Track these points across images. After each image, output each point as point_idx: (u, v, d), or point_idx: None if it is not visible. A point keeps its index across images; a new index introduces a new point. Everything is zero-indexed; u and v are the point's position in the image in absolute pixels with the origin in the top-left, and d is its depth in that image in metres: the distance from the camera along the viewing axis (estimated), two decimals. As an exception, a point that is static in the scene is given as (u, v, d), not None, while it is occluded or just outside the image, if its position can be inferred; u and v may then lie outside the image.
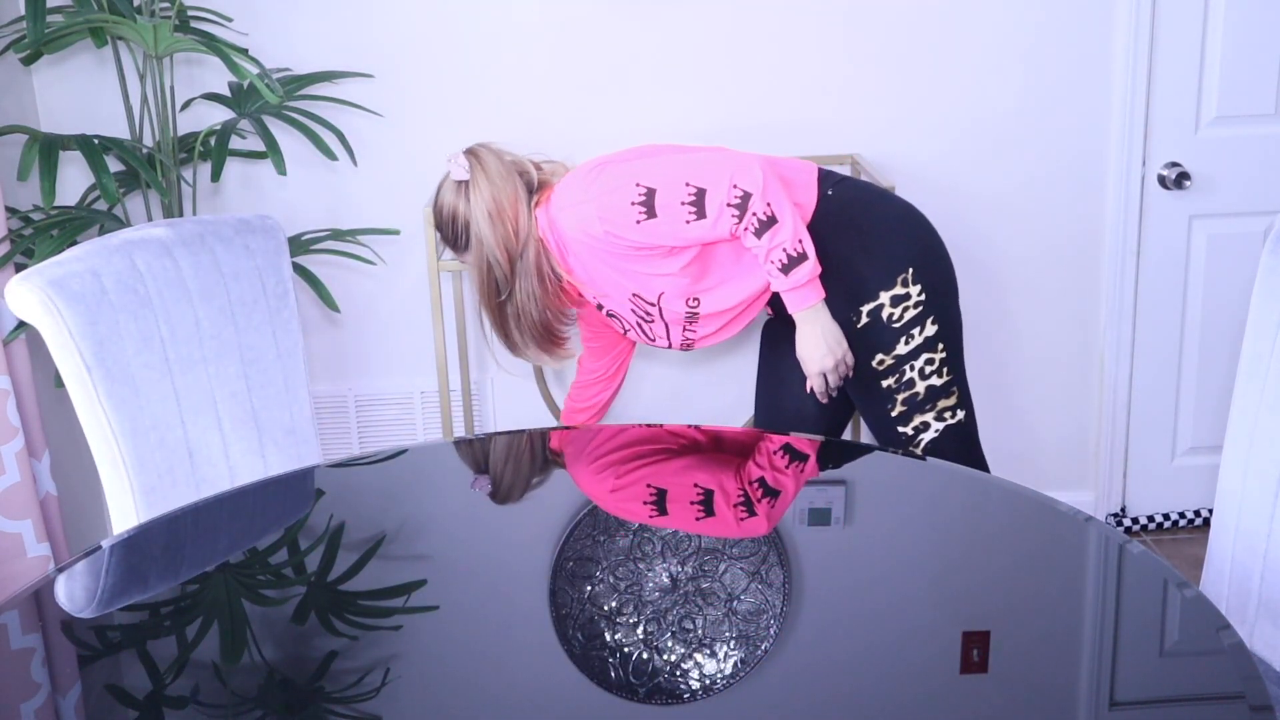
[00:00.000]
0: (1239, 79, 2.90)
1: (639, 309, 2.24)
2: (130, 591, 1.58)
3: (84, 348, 1.87)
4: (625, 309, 2.26)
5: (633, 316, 2.27)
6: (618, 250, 2.14)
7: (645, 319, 2.24)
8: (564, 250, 2.22)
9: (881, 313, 2.13)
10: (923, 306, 2.14)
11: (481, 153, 2.27)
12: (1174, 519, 3.21)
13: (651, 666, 1.34)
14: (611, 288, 2.23)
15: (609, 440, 1.89)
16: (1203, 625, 1.37)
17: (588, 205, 2.12)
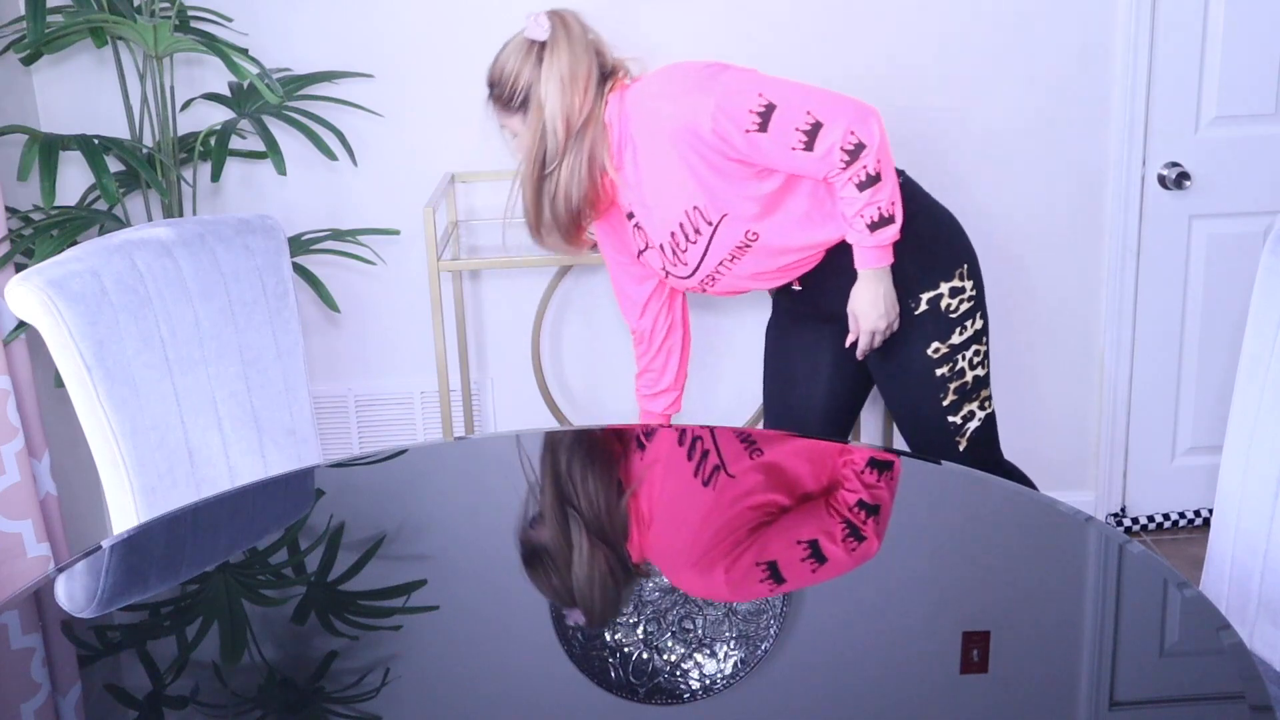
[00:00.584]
0: (1239, 79, 2.90)
1: (688, 226, 2.12)
2: (130, 591, 1.58)
3: (84, 348, 1.86)
4: (670, 223, 2.14)
5: (670, 235, 2.16)
6: (710, 155, 2.05)
7: (688, 239, 2.14)
8: (623, 144, 2.13)
9: (940, 302, 2.17)
10: (973, 301, 2.20)
11: (567, 17, 2.18)
12: (1174, 519, 3.21)
13: (651, 666, 1.34)
14: (672, 195, 2.11)
15: (693, 537, 1.67)
16: (1203, 625, 1.37)
17: (707, 98, 2.02)
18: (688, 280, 2.22)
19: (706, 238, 2.13)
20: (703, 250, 2.16)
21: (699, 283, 2.22)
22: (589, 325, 3.06)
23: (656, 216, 2.15)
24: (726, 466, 1.84)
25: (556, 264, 2.76)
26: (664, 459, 1.91)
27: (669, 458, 1.91)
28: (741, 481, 1.80)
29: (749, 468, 1.84)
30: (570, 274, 3.01)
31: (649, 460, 1.90)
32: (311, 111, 2.69)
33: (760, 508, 1.73)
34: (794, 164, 2.04)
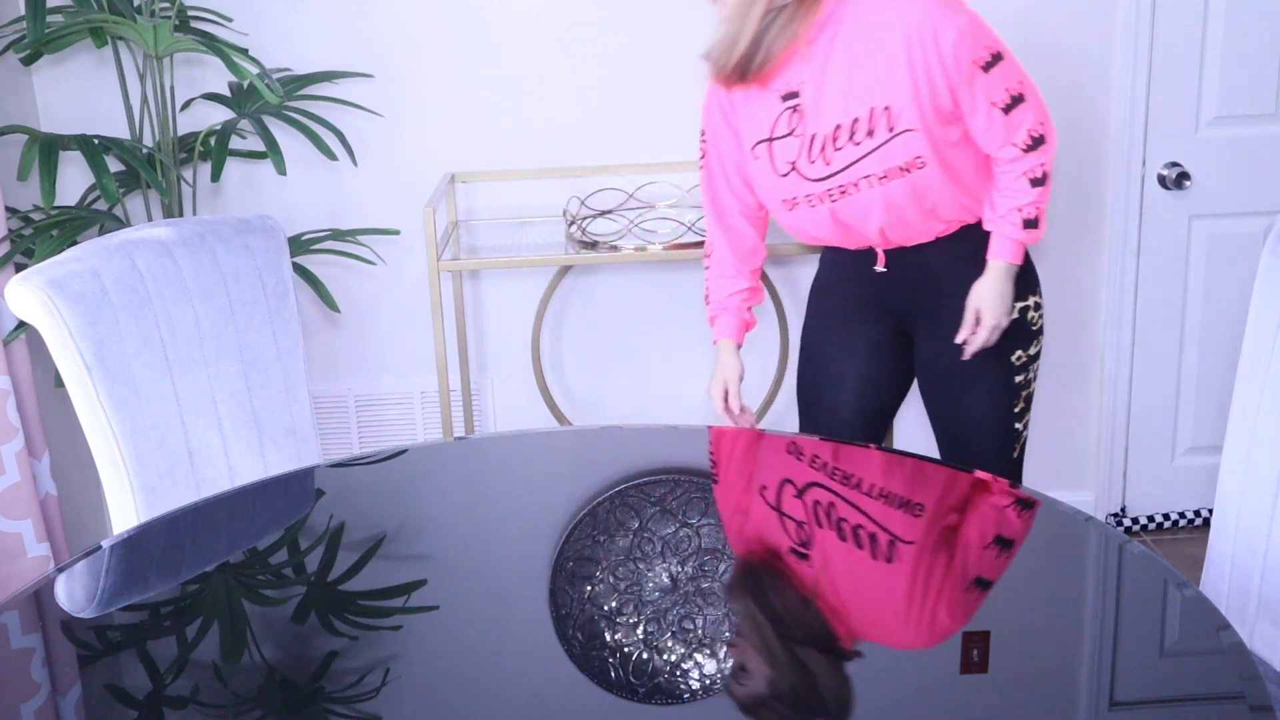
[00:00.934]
0: (1239, 79, 2.90)
1: (865, 124, 2.05)
2: (130, 591, 1.58)
3: (84, 348, 1.86)
4: (846, 114, 2.06)
5: (835, 127, 2.07)
6: (934, 68, 2.01)
7: (852, 137, 2.06)
8: (826, 21, 2.06)
9: (1027, 313, 2.19)
10: (1042, 318, 2.26)
11: None
12: (1174, 519, 3.21)
13: (651, 666, 1.34)
14: (867, 88, 2.04)
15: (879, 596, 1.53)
16: (1203, 625, 1.37)
17: (958, 16, 2.02)
18: (819, 183, 2.10)
19: (877, 143, 2.05)
20: (863, 154, 2.07)
21: (828, 190, 2.10)
22: (589, 325, 3.06)
23: (831, 103, 2.07)
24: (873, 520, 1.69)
25: (556, 264, 2.76)
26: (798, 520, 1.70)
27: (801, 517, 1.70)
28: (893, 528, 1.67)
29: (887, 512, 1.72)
30: (570, 274, 3.01)
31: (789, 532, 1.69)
32: (311, 111, 2.69)
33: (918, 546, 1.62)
34: (982, 121, 2.06)
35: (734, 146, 2.22)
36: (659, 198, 2.90)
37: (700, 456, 1.98)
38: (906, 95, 2.03)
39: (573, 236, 2.75)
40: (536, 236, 2.82)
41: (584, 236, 2.71)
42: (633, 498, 1.75)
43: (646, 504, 1.72)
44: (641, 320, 3.06)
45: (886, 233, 2.15)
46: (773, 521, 1.71)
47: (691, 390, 3.10)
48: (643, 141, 2.94)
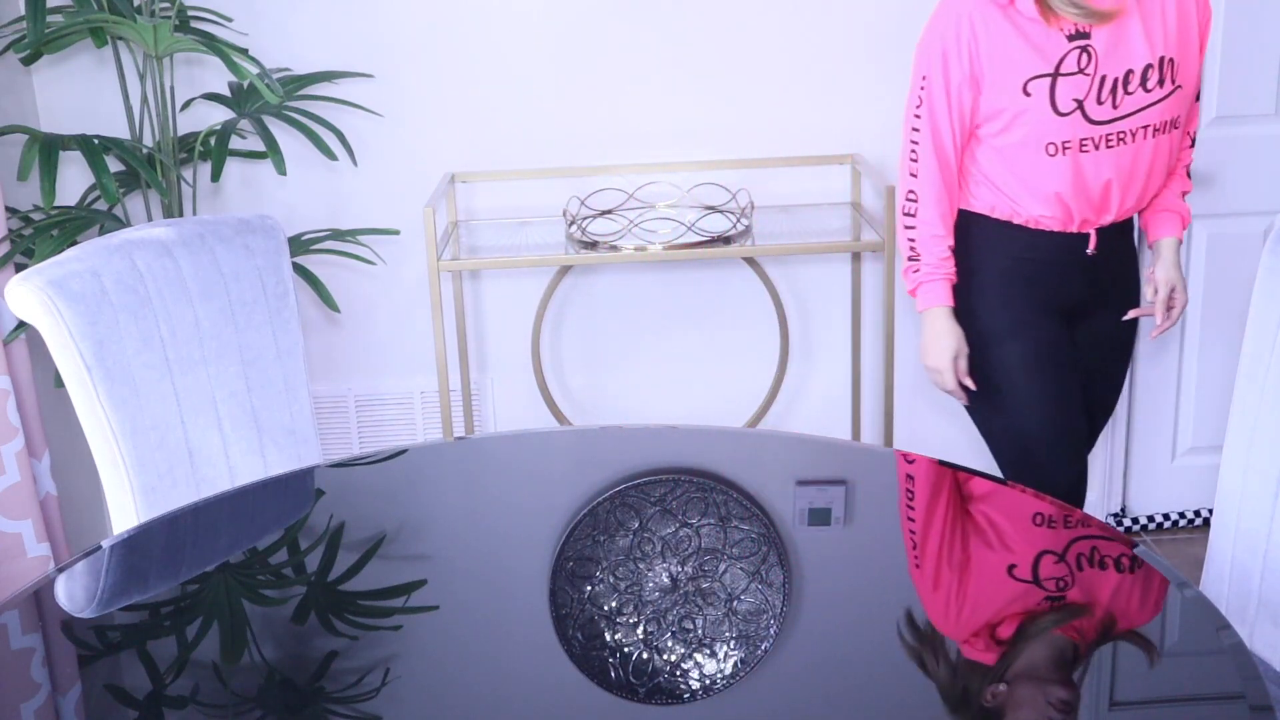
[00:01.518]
0: (1239, 79, 2.90)
1: (1158, 72, 2.09)
2: (130, 591, 1.58)
3: (84, 348, 1.86)
4: (1140, 59, 2.08)
5: (1127, 71, 2.08)
6: (1193, 27, 2.12)
7: (1144, 84, 2.09)
8: None
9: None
10: None
11: None
12: (1174, 519, 3.20)
13: (651, 666, 1.34)
14: (1158, 36, 2.09)
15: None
16: (1203, 625, 1.37)
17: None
18: (1102, 125, 2.07)
19: (1165, 93, 2.09)
20: (1150, 102, 2.09)
21: (1106, 135, 2.07)
22: (589, 325, 3.06)
23: (1128, 48, 2.07)
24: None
25: (557, 264, 2.76)
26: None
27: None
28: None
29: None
30: (570, 274, 3.01)
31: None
32: (311, 111, 2.69)
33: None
34: (1186, 100, 2.15)
35: (968, 83, 2.10)
36: (659, 198, 2.90)
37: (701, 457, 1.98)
38: (1189, 50, 2.10)
39: (573, 236, 2.75)
40: (536, 236, 2.81)
41: (584, 236, 2.71)
42: (633, 498, 1.75)
43: (646, 504, 1.72)
44: (641, 320, 3.06)
45: (1122, 197, 2.14)
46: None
47: (692, 390, 3.10)
48: (643, 141, 2.93)
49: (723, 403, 3.11)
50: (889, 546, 1.63)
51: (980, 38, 2.06)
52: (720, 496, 1.77)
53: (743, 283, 3.03)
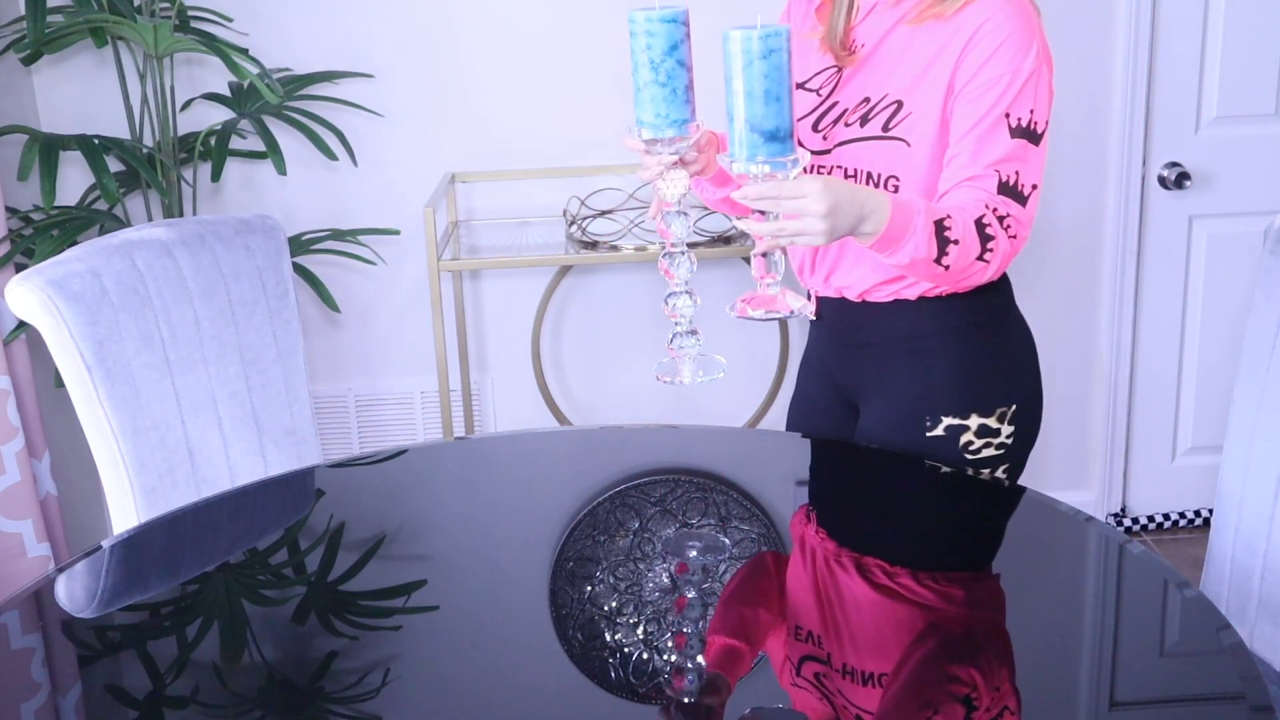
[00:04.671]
0: (1239, 79, 2.90)
1: (874, 110, 1.71)
2: (130, 591, 1.58)
3: (84, 348, 1.86)
4: (858, 94, 1.73)
5: (844, 106, 1.74)
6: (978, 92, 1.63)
7: (854, 118, 1.72)
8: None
9: (961, 436, 1.76)
10: (1004, 451, 1.78)
11: None
12: (1174, 519, 3.20)
13: (651, 666, 1.34)
14: (901, 76, 1.69)
15: None
16: (1203, 625, 1.37)
17: (1034, 38, 1.64)
18: (817, 155, 1.77)
19: (859, 134, 1.72)
20: (844, 132, 1.74)
21: (819, 145, 1.77)
22: (589, 325, 3.06)
23: (866, 80, 1.74)
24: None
25: (557, 264, 2.76)
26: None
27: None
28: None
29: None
30: (570, 274, 3.01)
31: None
32: (311, 111, 2.69)
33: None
34: (916, 163, 1.71)
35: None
36: (659, 198, 2.90)
37: (701, 457, 1.98)
38: (928, 103, 1.68)
39: (573, 236, 2.75)
40: (536, 236, 2.81)
41: (584, 236, 2.71)
42: (633, 498, 1.75)
43: (646, 504, 1.72)
44: (642, 320, 3.06)
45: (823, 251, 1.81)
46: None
47: (692, 390, 3.10)
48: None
49: (723, 403, 3.11)
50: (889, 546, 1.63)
51: (794, 25, 1.82)
52: (720, 496, 1.77)
53: (742, 283, 3.03)
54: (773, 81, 1.42)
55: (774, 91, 1.42)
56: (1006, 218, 1.60)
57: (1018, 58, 1.61)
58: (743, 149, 1.45)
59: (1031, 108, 1.62)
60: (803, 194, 1.46)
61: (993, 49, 1.62)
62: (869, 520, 1.73)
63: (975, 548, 1.64)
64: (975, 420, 1.75)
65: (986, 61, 1.62)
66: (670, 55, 1.51)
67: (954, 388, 1.75)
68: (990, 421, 1.75)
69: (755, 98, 1.43)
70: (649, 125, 1.52)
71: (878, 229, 1.52)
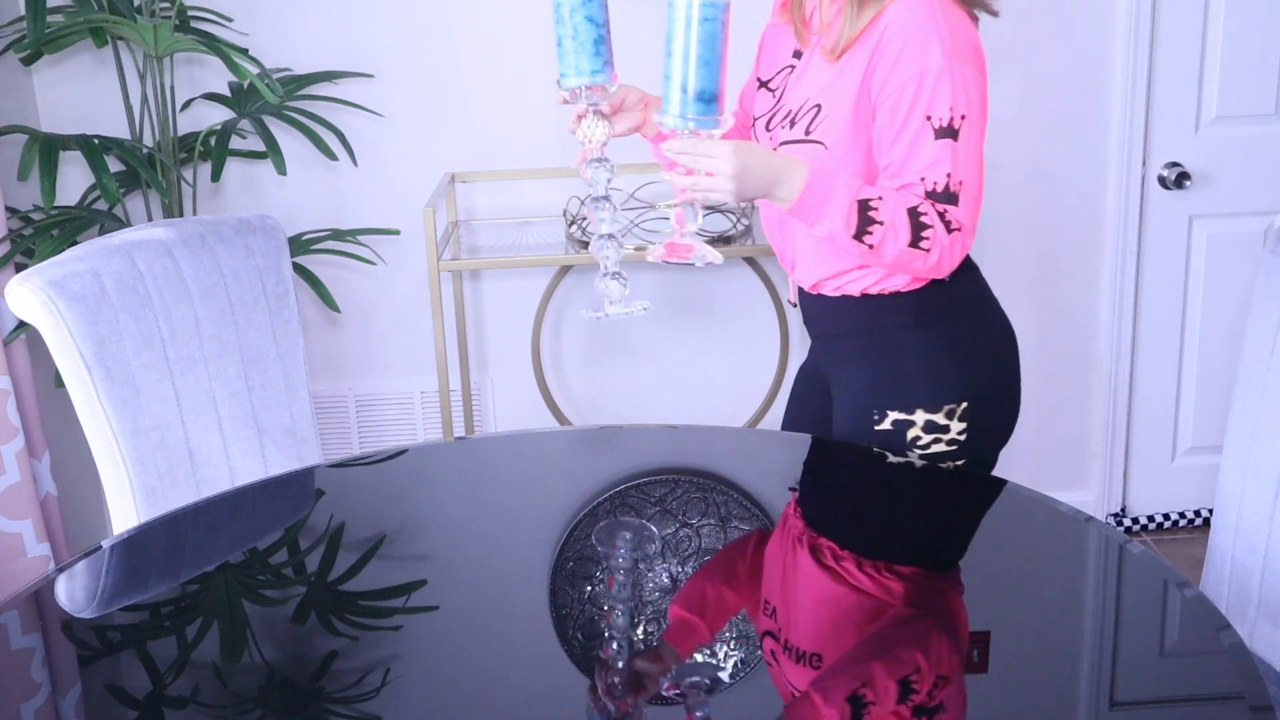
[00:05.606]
0: (1239, 79, 2.90)
1: (801, 112, 1.76)
2: (130, 591, 1.58)
3: (84, 348, 1.86)
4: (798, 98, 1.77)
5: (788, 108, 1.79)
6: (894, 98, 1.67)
7: (790, 121, 1.78)
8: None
9: (908, 431, 1.79)
10: (957, 447, 1.80)
11: None
12: (1174, 519, 3.21)
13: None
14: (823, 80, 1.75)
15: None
16: (1203, 625, 1.37)
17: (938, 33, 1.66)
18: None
19: (787, 138, 1.78)
20: (780, 141, 1.80)
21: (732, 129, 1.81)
22: (589, 325, 3.06)
23: (806, 83, 1.79)
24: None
25: (556, 264, 2.76)
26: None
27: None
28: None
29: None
30: (570, 274, 3.01)
31: None
32: (311, 111, 2.69)
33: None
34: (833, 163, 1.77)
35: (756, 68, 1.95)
36: (659, 198, 2.90)
37: (701, 457, 1.98)
38: (843, 105, 1.73)
39: (573, 236, 2.75)
40: (536, 236, 2.81)
41: (584, 236, 2.71)
42: (633, 498, 1.75)
43: (646, 504, 1.72)
44: (642, 320, 3.06)
45: (783, 249, 1.89)
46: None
47: (692, 390, 3.10)
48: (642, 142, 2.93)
49: (723, 403, 3.11)
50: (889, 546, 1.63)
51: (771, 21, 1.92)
52: (720, 496, 1.77)
53: (743, 283, 3.03)
54: (706, 47, 1.53)
55: (706, 56, 1.53)
56: (945, 212, 1.65)
57: (923, 57, 1.65)
58: (674, 107, 1.56)
59: (950, 105, 1.65)
60: (714, 154, 1.57)
61: (898, 52, 1.66)
62: (844, 511, 1.75)
63: (947, 540, 1.64)
64: (921, 416, 1.78)
65: (895, 66, 1.66)
66: (580, 10, 1.62)
67: (899, 383, 1.79)
68: (938, 418, 1.78)
69: (689, 60, 1.53)
70: (567, 76, 1.67)
71: (791, 195, 1.62)
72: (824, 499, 1.80)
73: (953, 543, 1.64)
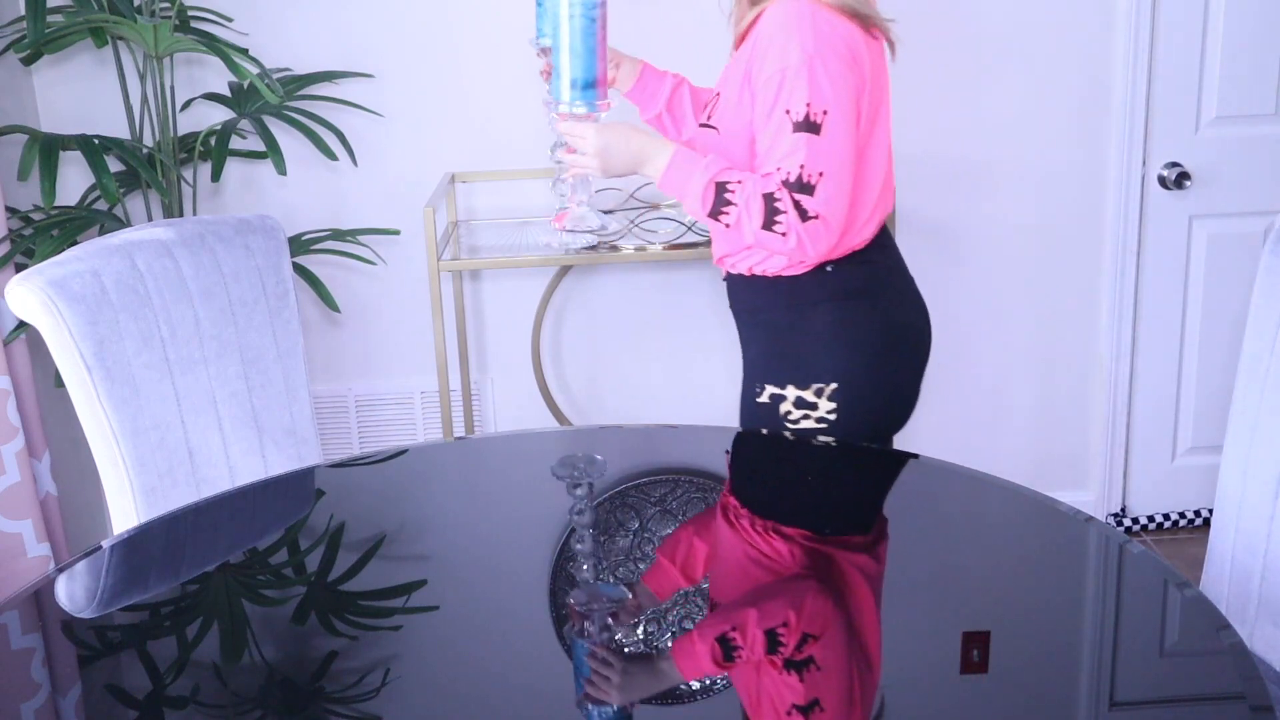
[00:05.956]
0: (1239, 79, 2.90)
1: (711, 101, 1.93)
2: (130, 591, 1.58)
3: (84, 348, 1.86)
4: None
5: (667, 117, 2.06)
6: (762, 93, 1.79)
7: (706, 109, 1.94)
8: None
9: (780, 405, 1.89)
10: (826, 425, 1.89)
11: None
12: (1174, 519, 3.20)
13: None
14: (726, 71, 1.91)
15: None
16: (1203, 625, 1.37)
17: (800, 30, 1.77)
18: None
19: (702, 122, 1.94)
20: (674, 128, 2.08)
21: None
22: (589, 325, 3.06)
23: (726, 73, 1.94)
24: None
25: (556, 264, 2.76)
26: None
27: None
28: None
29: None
30: (570, 274, 3.01)
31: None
32: (311, 111, 2.69)
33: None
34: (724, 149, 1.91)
35: None
36: (659, 198, 2.90)
37: (701, 457, 1.98)
38: (731, 93, 1.87)
39: (573, 236, 2.75)
40: (536, 236, 2.81)
41: (584, 236, 2.71)
42: (633, 498, 1.75)
43: (646, 504, 1.72)
44: (641, 320, 3.06)
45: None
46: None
47: (692, 390, 3.10)
48: (643, 141, 2.93)
49: (722, 403, 3.10)
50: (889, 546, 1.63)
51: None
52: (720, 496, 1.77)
53: (743, 283, 3.03)
54: (581, 41, 1.75)
55: (582, 48, 1.75)
56: (800, 201, 1.76)
57: (784, 55, 1.76)
58: (561, 94, 1.79)
59: (806, 100, 1.74)
60: (582, 135, 1.81)
61: (765, 49, 1.78)
62: (768, 484, 1.83)
63: (852, 511, 1.73)
64: (792, 391, 1.89)
65: (763, 61, 1.78)
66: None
67: (776, 359, 1.92)
68: (806, 395, 1.88)
69: (571, 51, 1.75)
70: (544, 36, 1.94)
71: (656, 173, 1.83)
72: (751, 474, 1.86)
73: (857, 514, 1.72)
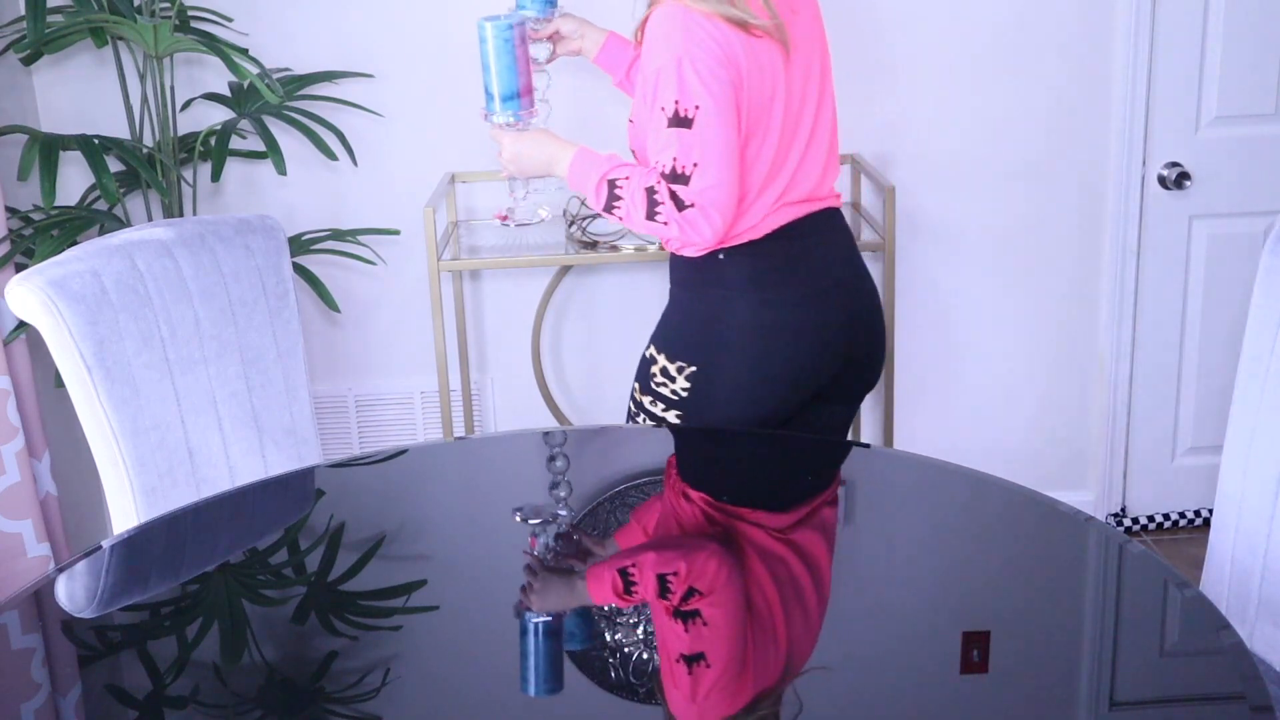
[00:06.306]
0: (1239, 79, 2.90)
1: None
2: (130, 591, 1.58)
3: (84, 348, 1.86)
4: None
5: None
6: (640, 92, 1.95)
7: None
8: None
9: (651, 366, 2.07)
10: (678, 399, 2.03)
11: None
12: (1174, 519, 3.20)
13: (651, 666, 1.34)
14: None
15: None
16: (1203, 625, 1.37)
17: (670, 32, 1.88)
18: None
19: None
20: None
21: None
22: (589, 325, 3.06)
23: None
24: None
25: (556, 264, 2.76)
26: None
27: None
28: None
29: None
30: (570, 274, 3.01)
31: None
32: (311, 111, 2.69)
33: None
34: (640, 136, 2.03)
35: None
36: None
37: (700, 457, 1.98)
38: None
39: (573, 236, 2.75)
40: (536, 236, 2.81)
41: (584, 236, 2.71)
42: (633, 498, 1.75)
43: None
44: (642, 320, 3.05)
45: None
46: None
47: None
48: (643, 141, 2.93)
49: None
50: (889, 546, 1.63)
51: None
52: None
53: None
54: (501, 60, 1.97)
55: (499, 67, 1.97)
56: (676, 192, 1.87)
57: (657, 56, 1.88)
58: (494, 105, 2.01)
59: (676, 98, 1.86)
60: (501, 141, 2.04)
61: (648, 49, 1.91)
62: (713, 465, 1.95)
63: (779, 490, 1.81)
64: (662, 359, 2.06)
65: (644, 61, 1.92)
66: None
67: (663, 324, 2.11)
68: (670, 367, 2.04)
69: (495, 69, 1.97)
70: (525, 6, 2.15)
71: (563, 173, 2.01)
72: (700, 457, 1.97)
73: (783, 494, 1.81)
